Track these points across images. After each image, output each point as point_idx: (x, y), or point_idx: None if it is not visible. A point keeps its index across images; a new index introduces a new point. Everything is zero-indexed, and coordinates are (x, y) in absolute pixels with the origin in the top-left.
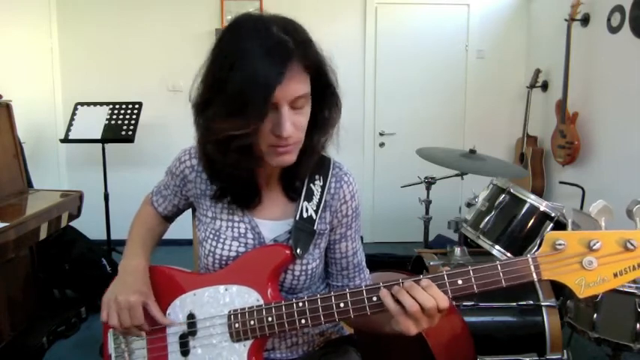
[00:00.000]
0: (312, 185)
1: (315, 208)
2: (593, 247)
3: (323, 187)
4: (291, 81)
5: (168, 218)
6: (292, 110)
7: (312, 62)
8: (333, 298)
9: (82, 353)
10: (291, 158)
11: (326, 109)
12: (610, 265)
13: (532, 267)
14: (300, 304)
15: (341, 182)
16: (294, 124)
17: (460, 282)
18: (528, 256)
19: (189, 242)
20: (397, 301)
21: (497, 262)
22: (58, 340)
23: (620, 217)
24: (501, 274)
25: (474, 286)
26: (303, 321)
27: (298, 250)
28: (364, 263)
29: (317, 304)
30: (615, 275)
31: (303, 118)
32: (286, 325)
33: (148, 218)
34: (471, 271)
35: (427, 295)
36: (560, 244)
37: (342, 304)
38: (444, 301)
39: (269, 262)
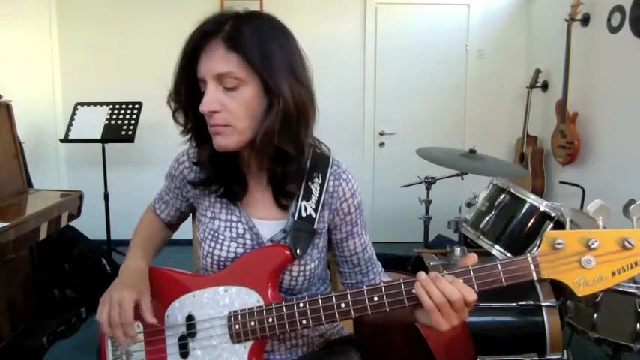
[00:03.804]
0: (310, 184)
1: (314, 207)
2: (592, 246)
3: (322, 186)
4: (212, 57)
5: (172, 225)
6: (223, 90)
7: (240, 46)
8: (334, 298)
9: (81, 353)
10: (224, 142)
11: (270, 103)
12: (608, 264)
13: (532, 266)
14: (301, 305)
15: (339, 180)
16: (222, 103)
17: (461, 281)
18: (528, 255)
19: (189, 242)
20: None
21: (498, 261)
22: (58, 340)
23: (620, 217)
24: (501, 272)
25: (475, 286)
26: (304, 321)
27: (298, 251)
28: (375, 257)
29: (318, 304)
30: (613, 273)
31: (234, 101)
32: (287, 326)
33: (150, 224)
34: (471, 271)
35: (453, 288)
36: (559, 244)
37: (342, 304)
38: (470, 294)
39: (269, 262)
